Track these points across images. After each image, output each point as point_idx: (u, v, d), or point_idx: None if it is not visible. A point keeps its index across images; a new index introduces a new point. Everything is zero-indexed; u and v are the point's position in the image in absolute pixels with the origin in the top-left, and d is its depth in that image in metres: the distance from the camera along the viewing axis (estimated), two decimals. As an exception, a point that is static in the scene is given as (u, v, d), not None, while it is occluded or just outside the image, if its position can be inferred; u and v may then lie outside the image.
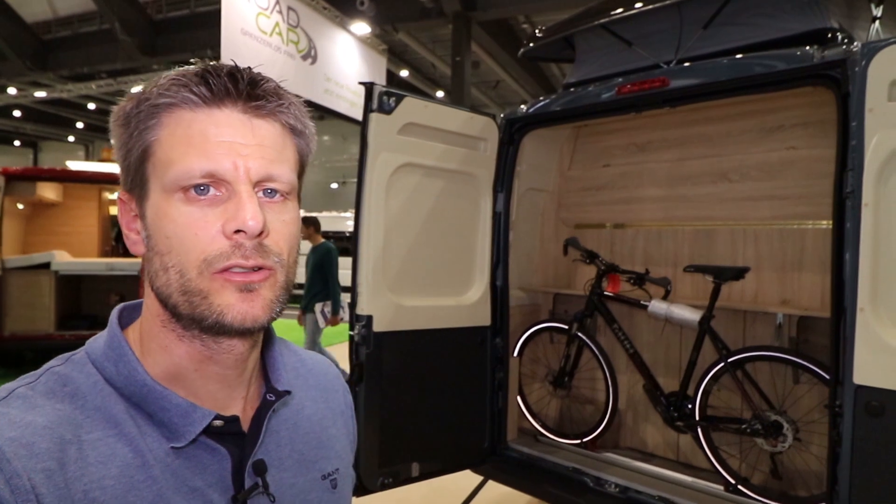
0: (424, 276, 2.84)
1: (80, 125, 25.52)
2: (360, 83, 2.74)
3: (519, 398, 3.32)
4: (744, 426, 2.62)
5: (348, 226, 14.55)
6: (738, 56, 2.45)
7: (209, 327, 0.59)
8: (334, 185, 26.43)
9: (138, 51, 14.27)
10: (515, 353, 3.29)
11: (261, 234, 0.59)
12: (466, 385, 2.99)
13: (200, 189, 0.58)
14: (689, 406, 2.78)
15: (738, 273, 2.69)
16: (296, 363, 0.81)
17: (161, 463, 0.59)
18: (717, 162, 3.15)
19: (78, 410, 0.58)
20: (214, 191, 0.59)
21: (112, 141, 0.64)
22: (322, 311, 5.61)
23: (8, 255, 6.84)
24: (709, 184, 3.18)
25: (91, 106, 21.75)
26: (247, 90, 0.60)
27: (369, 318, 2.63)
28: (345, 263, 15.52)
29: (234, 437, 0.65)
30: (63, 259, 6.97)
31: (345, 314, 5.59)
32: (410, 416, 2.78)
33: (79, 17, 15.86)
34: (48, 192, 7.39)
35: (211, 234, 0.58)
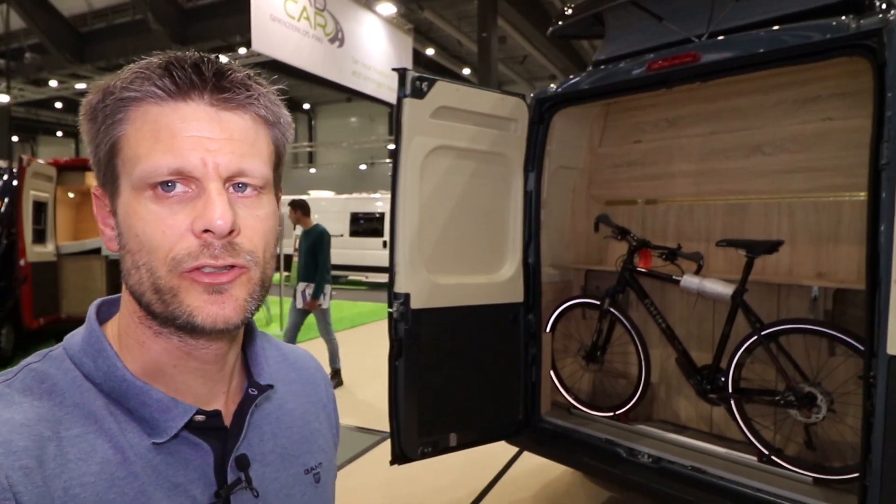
0: (458, 255, 2.92)
1: (118, 114, 26.13)
2: (394, 69, 2.80)
3: (552, 372, 3.40)
4: (777, 398, 2.65)
5: (378, 207, 14.66)
6: (772, 28, 2.43)
7: (181, 326, 0.58)
8: (363, 167, 26.63)
9: (170, 39, 14.52)
10: (548, 329, 3.36)
11: (231, 233, 0.57)
12: (501, 360, 3.08)
13: (168, 186, 0.56)
14: (723, 379, 2.82)
15: (772, 247, 2.69)
16: (278, 357, 0.80)
17: (142, 459, 0.59)
18: (750, 135, 3.14)
19: (56, 407, 0.57)
20: (183, 187, 0.57)
21: (82, 135, 0.62)
22: (303, 292, 5.48)
23: (61, 241, 7.18)
24: (741, 157, 3.17)
25: (127, 95, 22.23)
26: (213, 82, 0.58)
27: (407, 296, 2.72)
28: (372, 244, 15.62)
29: (216, 432, 0.64)
30: (111, 244, 7.30)
31: (325, 301, 5.48)
32: (448, 390, 2.88)
33: (113, 9, 16.21)
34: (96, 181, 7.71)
35: (179, 233, 0.56)
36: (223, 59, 0.62)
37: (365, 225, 14.69)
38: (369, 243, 14.46)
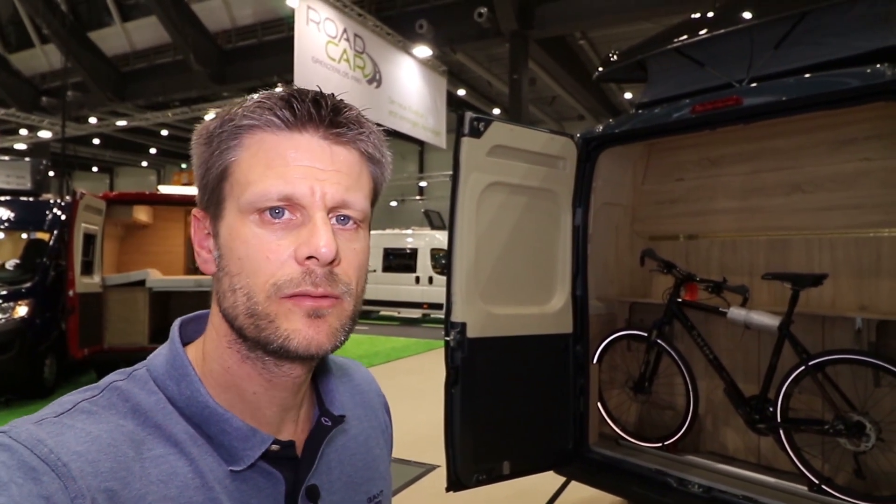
0: (511, 286, 3.06)
1: (153, 151, 27.05)
2: (455, 112, 2.99)
3: (599, 404, 3.48)
4: (826, 427, 2.71)
5: (408, 243, 14.90)
6: (812, 74, 2.58)
7: (273, 351, 0.59)
8: (393, 203, 27.04)
9: (209, 79, 15.11)
10: (595, 360, 3.46)
11: (333, 261, 0.58)
12: (551, 389, 3.18)
13: (276, 212, 0.58)
14: (771, 409, 2.89)
15: (817, 280, 2.79)
16: (344, 379, 0.80)
17: (220, 484, 0.59)
18: (790, 174, 3.27)
19: (140, 427, 0.58)
20: (289, 215, 0.58)
21: (193, 158, 0.64)
22: None
23: (107, 273, 7.45)
24: (782, 195, 3.29)
25: (164, 132, 23.05)
26: (329, 117, 0.60)
27: (463, 325, 2.85)
28: (405, 279, 15.63)
29: (288, 462, 0.65)
30: (156, 276, 7.55)
31: None
32: (501, 418, 2.98)
33: (154, 50, 16.93)
34: (142, 214, 8.04)
35: (282, 259, 0.57)
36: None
37: (397, 261, 14.94)
38: (402, 279, 14.69)
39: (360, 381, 0.84)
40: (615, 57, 3.37)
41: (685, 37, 2.90)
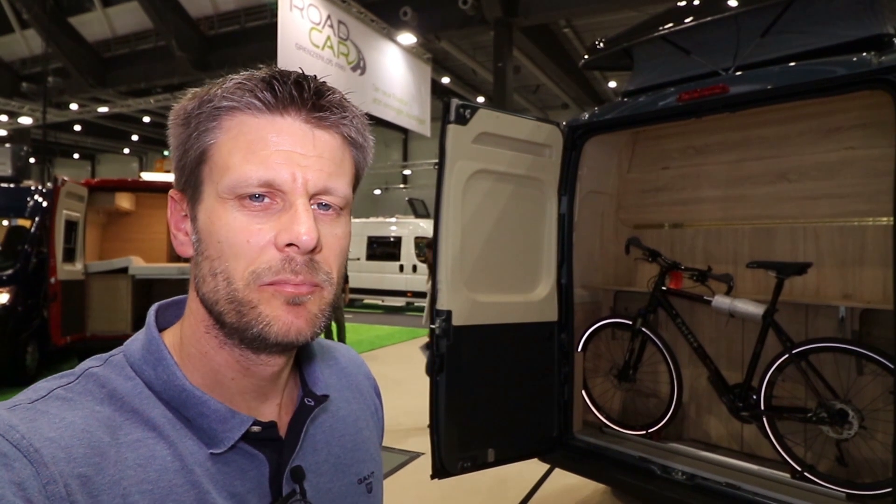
0: (497, 274, 3.04)
1: (135, 138, 26.66)
2: (440, 100, 2.96)
3: (583, 391, 3.49)
4: (809, 415, 2.73)
5: (392, 231, 14.84)
6: (798, 63, 2.57)
7: (252, 337, 0.58)
8: (377, 192, 26.92)
9: (192, 66, 14.88)
10: (579, 348, 3.46)
11: (314, 249, 0.58)
12: (536, 377, 3.17)
13: (255, 197, 0.57)
14: (754, 397, 2.91)
15: (801, 268, 2.81)
16: (329, 361, 0.79)
17: (201, 467, 0.58)
18: (775, 163, 3.27)
19: (117, 412, 0.57)
20: (269, 200, 0.57)
21: (170, 139, 0.62)
22: None
23: (89, 260, 7.35)
24: (767, 184, 3.30)
25: (146, 119, 22.72)
26: (312, 100, 0.59)
27: (449, 313, 2.83)
28: (386, 268, 15.67)
29: (271, 443, 0.64)
30: (138, 264, 7.45)
31: None
32: (486, 406, 2.98)
33: (136, 36, 16.64)
34: (124, 201, 7.92)
35: (262, 244, 0.57)
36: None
37: (381, 249, 14.88)
38: (386, 267, 14.64)
39: (347, 364, 0.82)
40: (601, 44, 3.34)
41: (671, 24, 2.88)
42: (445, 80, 16.85)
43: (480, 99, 18.14)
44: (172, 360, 0.61)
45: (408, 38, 11.24)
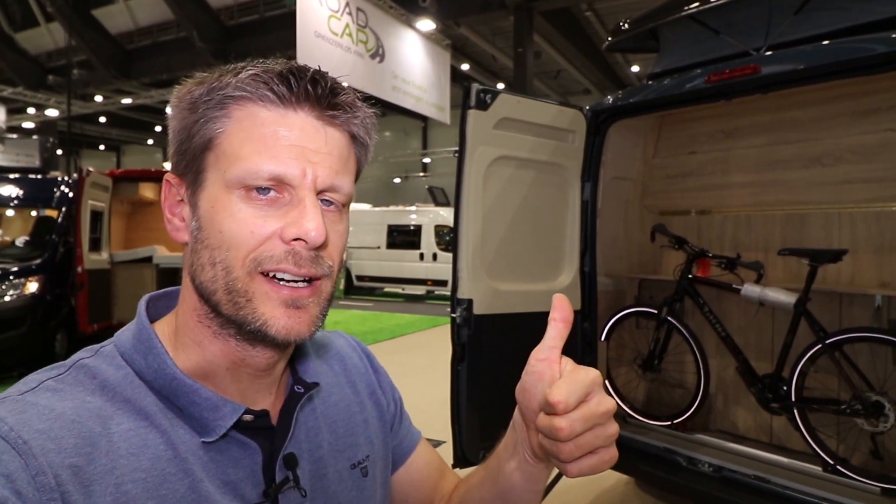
0: (518, 262, 2.98)
1: (158, 129, 27.00)
2: (460, 86, 2.90)
3: (606, 381, 3.43)
4: (843, 407, 2.64)
5: (412, 219, 14.82)
6: (834, 41, 2.46)
7: (250, 333, 0.58)
8: (397, 180, 26.93)
9: (212, 56, 14.97)
10: (603, 338, 3.39)
11: (320, 246, 0.58)
12: (558, 367, 3.11)
13: (262, 190, 0.57)
14: (785, 388, 2.82)
15: (836, 255, 2.70)
16: (319, 347, 0.79)
17: (194, 456, 0.58)
18: (808, 146, 3.15)
19: (108, 402, 0.57)
20: (276, 193, 0.57)
21: (170, 122, 0.62)
22: None
23: (114, 249, 7.47)
24: (800, 168, 3.18)
25: (169, 110, 22.95)
26: (328, 98, 0.59)
27: (470, 302, 2.79)
28: (406, 256, 15.78)
29: (264, 431, 0.64)
30: (163, 253, 7.56)
31: None
32: (507, 395, 2.92)
33: (158, 27, 16.82)
34: (148, 191, 8.01)
35: (265, 235, 0.57)
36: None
37: (401, 237, 14.87)
38: (406, 255, 14.63)
39: (340, 349, 0.83)
40: (626, 26, 3.25)
41: (699, 4, 2.77)
42: (465, 66, 16.73)
43: (500, 85, 17.95)
44: (163, 349, 0.61)
45: (427, 24, 11.13)
